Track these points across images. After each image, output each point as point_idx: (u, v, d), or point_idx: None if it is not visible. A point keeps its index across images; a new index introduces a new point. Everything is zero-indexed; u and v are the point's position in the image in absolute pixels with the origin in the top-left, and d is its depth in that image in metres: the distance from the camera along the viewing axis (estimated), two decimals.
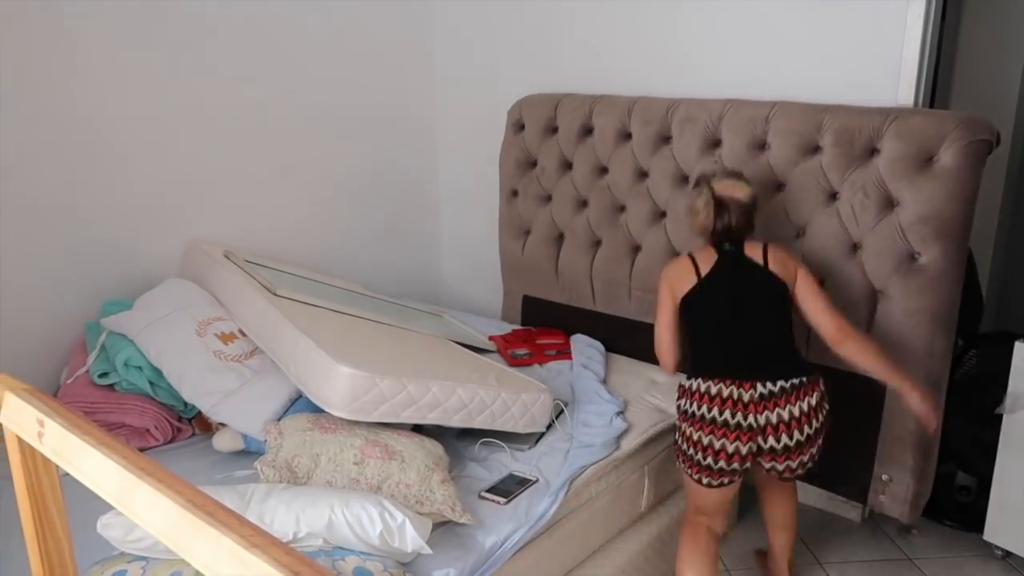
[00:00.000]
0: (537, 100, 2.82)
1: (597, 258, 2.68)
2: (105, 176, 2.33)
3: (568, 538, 1.89)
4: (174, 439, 2.10)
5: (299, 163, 2.84)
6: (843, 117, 2.11)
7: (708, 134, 2.36)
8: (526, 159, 2.84)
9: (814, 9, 2.27)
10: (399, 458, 1.71)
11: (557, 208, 2.77)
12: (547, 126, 2.76)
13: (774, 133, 2.23)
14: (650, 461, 2.16)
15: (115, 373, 2.10)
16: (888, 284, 2.07)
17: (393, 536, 1.47)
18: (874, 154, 2.07)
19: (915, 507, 2.15)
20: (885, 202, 2.06)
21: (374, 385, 1.75)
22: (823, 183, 2.15)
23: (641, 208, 2.55)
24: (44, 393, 0.83)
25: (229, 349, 2.12)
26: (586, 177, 2.67)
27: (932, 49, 2.20)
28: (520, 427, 2.01)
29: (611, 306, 2.68)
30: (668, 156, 2.46)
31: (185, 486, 0.66)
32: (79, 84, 2.24)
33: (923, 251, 2.01)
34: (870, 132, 2.06)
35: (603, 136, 2.60)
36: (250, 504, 1.49)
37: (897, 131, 2.01)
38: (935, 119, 1.98)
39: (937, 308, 2.02)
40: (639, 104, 2.53)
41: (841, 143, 2.10)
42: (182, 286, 2.32)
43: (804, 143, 2.18)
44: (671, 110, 2.44)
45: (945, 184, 1.96)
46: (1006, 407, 2.17)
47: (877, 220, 2.07)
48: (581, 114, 2.66)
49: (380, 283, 3.07)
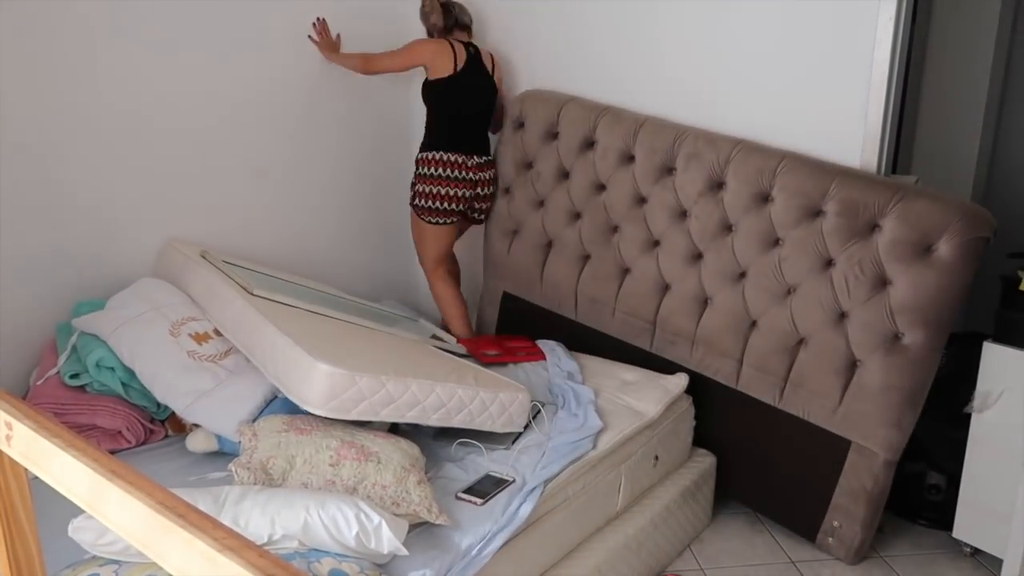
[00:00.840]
0: (540, 97, 2.77)
1: (584, 273, 2.68)
2: (77, 174, 2.29)
3: (545, 538, 1.90)
4: (147, 441, 2.07)
5: (276, 164, 2.81)
6: (851, 187, 2.12)
7: (713, 175, 2.36)
8: (523, 160, 2.80)
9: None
10: (375, 459, 1.71)
11: (549, 216, 2.75)
12: (548, 130, 2.72)
13: (779, 188, 2.23)
14: (626, 461, 2.17)
15: (86, 374, 2.07)
16: (869, 357, 2.13)
17: (369, 537, 1.47)
18: (875, 230, 2.09)
19: (859, 552, 2.29)
20: (879, 280, 2.10)
21: (353, 383, 1.75)
22: (821, 249, 2.18)
23: (636, 233, 2.54)
24: (13, 395, 0.82)
25: (203, 349, 2.09)
26: (583, 191, 2.65)
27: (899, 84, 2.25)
28: (498, 427, 2.02)
29: (592, 321, 2.70)
30: (670, 187, 2.45)
31: (156, 488, 0.65)
32: (50, 82, 2.19)
33: (908, 333, 2.07)
34: (875, 209, 2.08)
35: (605, 154, 2.58)
36: (224, 506, 1.47)
37: (901, 212, 2.04)
38: (940, 206, 2.01)
39: (912, 387, 2.10)
40: (647, 126, 2.50)
41: (845, 214, 2.12)
42: (155, 286, 2.29)
43: (808, 205, 2.19)
44: (678, 141, 2.42)
45: (939, 275, 2.01)
46: (974, 406, 2.21)
47: (869, 296, 2.11)
48: (585, 125, 2.62)
49: (358, 285, 3.05)
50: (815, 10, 2.25)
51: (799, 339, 2.25)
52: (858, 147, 2.25)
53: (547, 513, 1.90)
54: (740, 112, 2.44)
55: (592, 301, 2.66)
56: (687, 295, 2.45)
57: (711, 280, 2.40)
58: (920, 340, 2.06)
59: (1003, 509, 2.13)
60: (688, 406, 2.44)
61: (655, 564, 2.26)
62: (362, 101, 3.05)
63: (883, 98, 2.20)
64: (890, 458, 2.18)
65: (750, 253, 2.31)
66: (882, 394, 2.12)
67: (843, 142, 2.28)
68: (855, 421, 2.19)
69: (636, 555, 2.16)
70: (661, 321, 2.52)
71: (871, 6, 2.16)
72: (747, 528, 2.51)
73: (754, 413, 2.37)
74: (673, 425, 2.36)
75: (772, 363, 2.30)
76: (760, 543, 2.44)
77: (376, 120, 3.12)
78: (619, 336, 2.63)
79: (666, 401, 2.30)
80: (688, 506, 2.37)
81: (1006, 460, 2.14)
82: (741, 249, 2.33)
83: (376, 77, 2.95)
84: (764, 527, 2.52)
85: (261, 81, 2.70)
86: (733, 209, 2.32)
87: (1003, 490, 2.14)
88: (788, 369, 2.27)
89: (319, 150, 2.94)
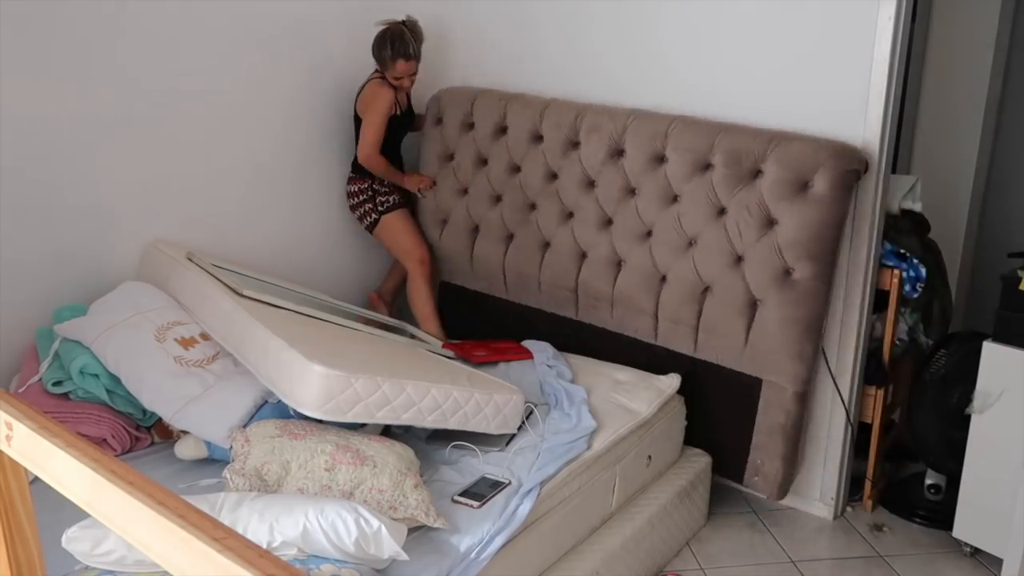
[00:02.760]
0: (455, 93, 2.93)
1: (509, 252, 2.83)
2: (56, 176, 2.25)
3: (542, 540, 1.92)
4: (132, 448, 2.04)
5: (262, 165, 2.78)
6: (733, 138, 2.30)
7: (613, 143, 2.53)
8: (445, 152, 2.95)
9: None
10: (371, 463, 1.71)
11: (473, 202, 2.90)
12: (464, 122, 2.87)
13: (672, 148, 2.40)
14: (620, 461, 2.19)
15: (70, 381, 2.03)
16: (766, 295, 2.29)
17: (369, 543, 1.47)
18: (758, 175, 2.27)
19: (783, 488, 2.43)
20: (766, 221, 2.27)
21: (349, 385, 1.74)
22: (713, 199, 2.34)
23: (551, 207, 2.71)
24: (14, 396, 0.82)
25: (190, 354, 2.07)
26: (500, 174, 2.81)
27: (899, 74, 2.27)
28: (493, 428, 2.01)
29: (522, 296, 2.86)
30: (576, 160, 2.62)
31: (157, 488, 0.65)
32: (28, 83, 2.15)
33: (796, 267, 2.23)
34: (755, 155, 2.26)
35: (516, 136, 2.74)
36: (220, 514, 1.47)
37: (778, 156, 2.22)
38: (811, 147, 2.19)
39: (807, 318, 2.26)
40: (551, 107, 2.67)
41: (730, 163, 2.29)
42: (140, 289, 2.25)
43: (698, 160, 2.36)
44: (580, 116, 2.59)
45: (818, 209, 2.18)
46: (975, 407, 2.21)
47: (759, 237, 2.27)
48: (496, 113, 2.78)
49: (343, 289, 3.02)
50: (815, 10, 2.26)
51: (704, 287, 2.41)
52: (858, 147, 2.26)
53: (544, 514, 1.92)
54: (740, 110, 2.44)
55: (519, 275, 2.81)
56: (602, 259, 2.61)
57: (621, 242, 2.56)
58: (808, 272, 2.22)
59: (1003, 509, 2.13)
60: (680, 406, 2.47)
61: (653, 565, 2.28)
62: (349, 103, 3.01)
63: (883, 98, 2.21)
64: (798, 390, 2.33)
65: (653, 212, 2.48)
66: (781, 329, 2.27)
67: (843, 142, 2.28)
68: (762, 359, 2.34)
69: (634, 556, 2.17)
70: (582, 287, 2.67)
71: (871, 6, 2.16)
72: (747, 528, 2.52)
73: (675, 365, 2.49)
74: (665, 425, 2.39)
75: (684, 314, 2.45)
76: (760, 542, 2.45)
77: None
78: (547, 308, 2.79)
79: (659, 401, 2.33)
80: (684, 506, 2.39)
81: (1006, 460, 2.15)
82: (644, 209, 2.49)
83: (354, 69, 2.94)
84: (764, 526, 2.52)
85: (247, 83, 2.67)
86: (633, 173, 2.49)
87: (1003, 490, 2.15)
88: (698, 318, 2.43)
89: (305, 152, 2.92)
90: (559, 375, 2.41)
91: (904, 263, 2.55)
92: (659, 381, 2.41)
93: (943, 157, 3.43)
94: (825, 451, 2.54)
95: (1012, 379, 2.14)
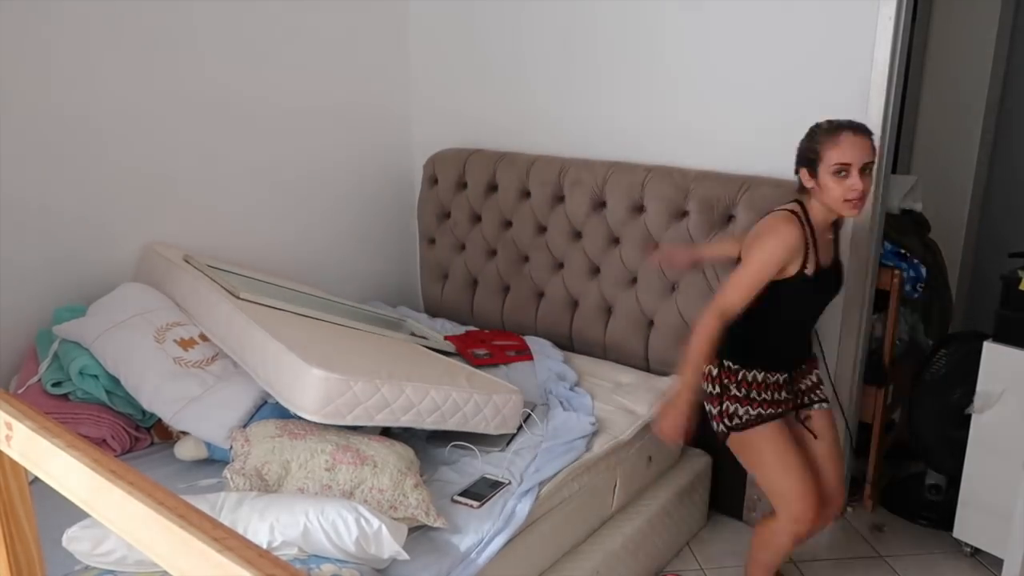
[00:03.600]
0: (448, 155, 3.09)
1: (507, 302, 2.96)
2: (54, 177, 2.26)
3: (543, 540, 1.92)
4: (132, 449, 2.04)
5: (261, 164, 2.80)
6: (705, 186, 2.42)
7: (595, 196, 2.67)
8: (441, 211, 3.11)
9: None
10: (371, 463, 1.71)
11: (470, 257, 3.05)
12: (458, 181, 3.04)
13: (649, 198, 2.53)
14: (621, 463, 2.19)
15: (69, 382, 2.04)
16: None
17: (369, 543, 1.47)
18: (731, 220, 2.38)
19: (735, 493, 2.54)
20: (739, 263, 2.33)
21: (348, 388, 1.75)
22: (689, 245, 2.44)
23: (542, 259, 2.85)
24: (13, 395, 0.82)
25: (189, 355, 2.07)
26: (494, 229, 2.97)
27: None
28: (492, 428, 2.02)
29: None
30: (562, 213, 2.76)
31: (157, 488, 0.65)
32: (30, 82, 2.17)
33: None
34: (727, 201, 2.37)
35: (506, 193, 2.89)
36: (221, 513, 1.48)
37: (748, 200, 2.33)
38: (778, 191, 2.25)
39: None
40: (536, 164, 2.83)
41: (704, 210, 2.41)
42: (139, 291, 2.26)
43: (674, 208, 2.49)
44: (563, 172, 2.74)
45: None
46: (975, 407, 2.21)
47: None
48: (487, 172, 2.95)
49: (344, 287, 3.03)
50: (815, 10, 2.26)
51: (689, 329, 2.44)
52: None
53: (545, 514, 1.92)
54: (740, 114, 2.45)
55: (518, 326, 2.92)
56: (592, 307, 2.72)
57: (609, 289, 2.68)
58: None
59: (1003, 509, 2.14)
60: None
61: (652, 565, 2.28)
62: (352, 101, 3.05)
63: (883, 98, 2.21)
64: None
65: (636, 259, 2.59)
66: None
67: None
68: None
69: (634, 556, 2.18)
70: (576, 334, 2.78)
71: (871, 6, 2.16)
72: (746, 528, 2.52)
73: None
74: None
75: (671, 356, 2.48)
76: None
77: (367, 120, 3.15)
78: None
79: (660, 402, 2.30)
80: (684, 506, 2.39)
81: (1006, 460, 2.15)
82: (628, 257, 2.62)
83: (368, 73, 2.94)
84: None
85: (247, 84, 2.69)
86: (616, 223, 2.63)
87: (1003, 490, 2.15)
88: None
89: (304, 151, 2.94)
90: (560, 376, 2.41)
91: (904, 263, 2.56)
92: (660, 383, 2.42)
93: (943, 157, 3.44)
94: None
95: (1012, 379, 2.14)
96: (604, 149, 2.75)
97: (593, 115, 2.79)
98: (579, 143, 2.81)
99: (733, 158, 2.48)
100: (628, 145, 2.69)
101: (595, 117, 2.78)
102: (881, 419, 2.59)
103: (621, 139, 2.72)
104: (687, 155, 2.57)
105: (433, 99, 3.22)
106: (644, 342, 2.58)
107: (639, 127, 2.69)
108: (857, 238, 2.35)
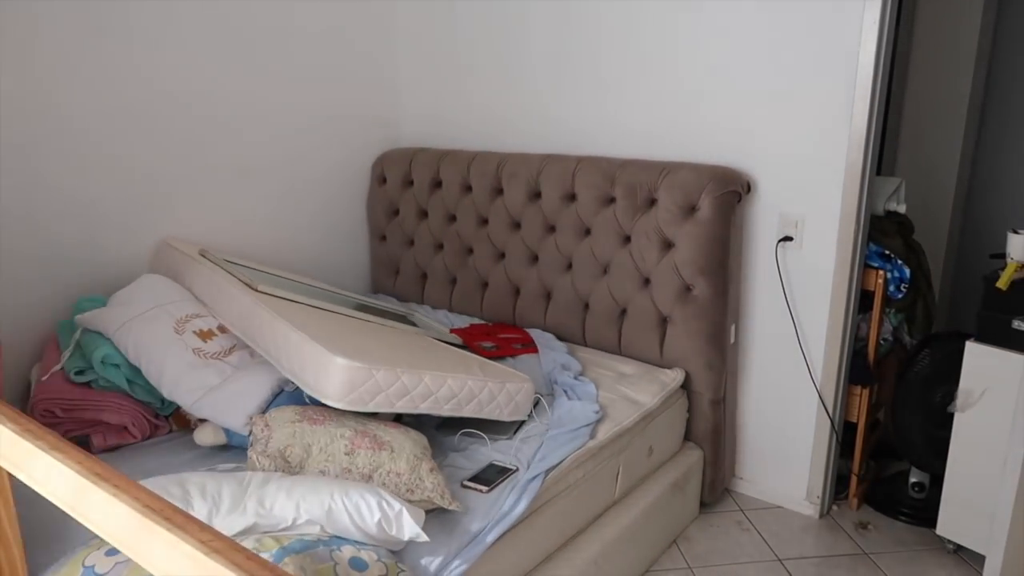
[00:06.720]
0: (395, 154, 3.19)
1: (454, 293, 3.07)
2: (72, 172, 2.32)
3: (549, 523, 1.96)
4: (152, 435, 2.11)
5: (271, 162, 2.87)
6: (629, 173, 2.51)
7: (530, 187, 2.76)
8: (390, 208, 3.21)
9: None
10: (388, 448, 1.76)
11: (418, 251, 3.16)
12: (405, 179, 3.14)
13: (580, 186, 2.63)
14: (624, 450, 2.22)
15: (91, 371, 2.08)
16: (672, 311, 2.48)
17: (391, 524, 1.52)
18: (654, 203, 2.47)
19: (713, 490, 2.63)
20: (664, 244, 2.47)
21: (370, 376, 1.79)
22: (618, 228, 2.55)
23: (485, 250, 2.94)
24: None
25: (208, 347, 2.12)
26: (439, 224, 3.06)
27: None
28: (505, 415, 2.07)
29: None
30: (501, 205, 2.85)
31: (141, 490, 0.65)
32: (45, 79, 2.22)
33: (694, 284, 2.42)
34: (649, 186, 2.46)
35: (449, 189, 2.99)
36: (248, 489, 1.53)
37: (668, 184, 2.42)
38: (695, 173, 2.38)
39: (709, 330, 2.44)
40: (477, 160, 2.92)
41: (629, 195, 2.50)
42: (158, 282, 2.30)
43: (602, 195, 2.58)
44: (501, 165, 2.84)
45: (705, 228, 2.37)
46: (957, 405, 2.24)
47: (660, 259, 2.47)
48: (431, 169, 3.04)
49: (349, 281, 3.15)
50: (800, 13, 2.27)
51: (621, 310, 2.61)
52: (843, 150, 2.28)
53: (550, 500, 1.96)
54: (726, 115, 2.46)
55: (466, 318, 3.01)
56: (533, 293, 2.83)
57: (547, 275, 2.78)
58: (704, 287, 2.41)
59: (986, 506, 2.16)
60: (682, 399, 2.53)
61: (646, 556, 2.29)
62: (353, 97, 3.11)
63: (868, 101, 2.23)
64: (713, 397, 2.51)
65: (571, 245, 2.70)
66: (688, 339, 2.46)
67: (829, 144, 2.31)
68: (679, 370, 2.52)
69: (631, 545, 2.21)
70: (519, 320, 2.89)
71: (856, 9, 2.18)
72: (734, 527, 2.53)
73: None
74: (668, 417, 2.43)
75: (606, 335, 2.64)
76: (747, 541, 2.46)
77: (367, 117, 3.20)
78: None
79: (663, 393, 2.37)
80: (677, 498, 2.41)
81: (989, 458, 2.18)
82: (563, 243, 2.72)
83: (361, 72, 2.96)
84: (751, 525, 2.54)
85: (254, 79, 2.75)
86: (551, 211, 2.72)
87: (986, 487, 2.18)
88: (619, 338, 2.62)
89: (312, 147, 3.01)
90: (565, 367, 2.46)
91: (888, 264, 2.58)
92: (664, 374, 2.48)
93: (927, 159, 3.47)
94: (811, 451, 2.56)
95: (994, 378, 2.16)
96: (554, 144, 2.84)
97: (532, 111, 2.90)
98: (518, 138, 2.93)
99: (721, 161, 2.50)
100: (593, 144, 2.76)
101: (534, 113, 2.89)
102: (866, 418, 2.61)
103: (582, 138, 2.80)
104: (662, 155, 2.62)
105: (415, 101, 3.29)
106: (581, 324, 2.70)
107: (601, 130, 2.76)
108: (842, 239, 2.38)
